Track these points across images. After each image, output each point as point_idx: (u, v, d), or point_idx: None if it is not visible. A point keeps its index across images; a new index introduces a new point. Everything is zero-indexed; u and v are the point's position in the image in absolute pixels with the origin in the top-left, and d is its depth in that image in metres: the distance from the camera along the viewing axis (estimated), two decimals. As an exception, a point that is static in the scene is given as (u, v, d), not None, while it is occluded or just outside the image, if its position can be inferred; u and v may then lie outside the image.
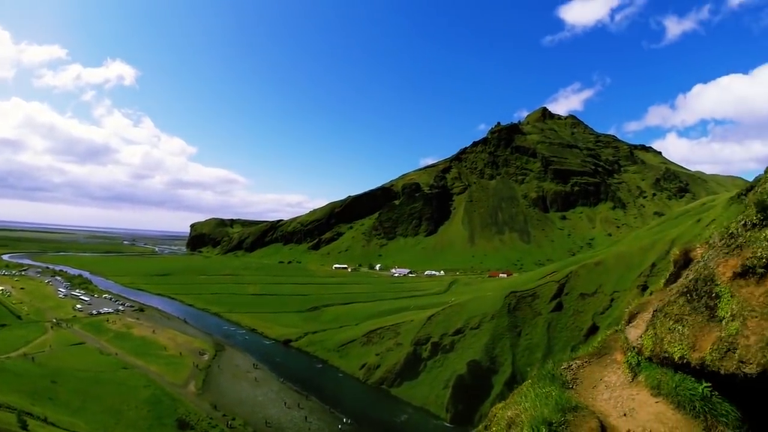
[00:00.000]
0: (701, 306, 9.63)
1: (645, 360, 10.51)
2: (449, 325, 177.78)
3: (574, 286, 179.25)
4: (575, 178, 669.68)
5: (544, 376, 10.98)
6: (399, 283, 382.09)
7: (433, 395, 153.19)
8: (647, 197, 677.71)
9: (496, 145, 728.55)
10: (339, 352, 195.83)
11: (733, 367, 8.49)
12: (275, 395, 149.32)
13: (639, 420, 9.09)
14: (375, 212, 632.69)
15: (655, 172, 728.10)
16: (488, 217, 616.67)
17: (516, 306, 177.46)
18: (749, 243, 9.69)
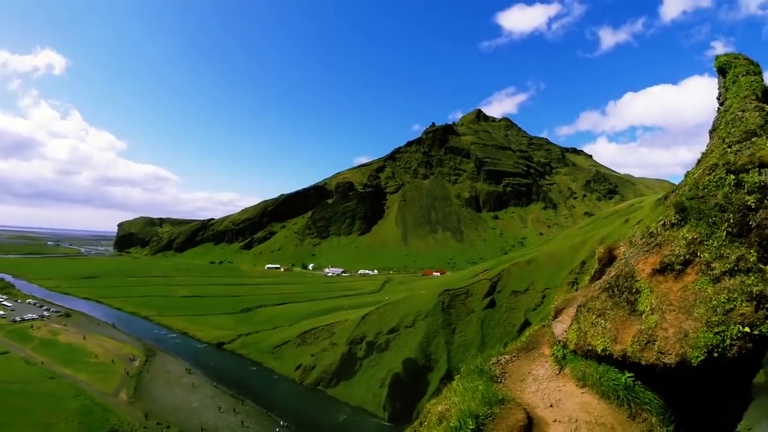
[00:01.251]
0: (622, 301, 10.22)
1: (570, 353, 11.04)
2: (384, 324, 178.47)
3: (507, 284, 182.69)
4: (508, 178, 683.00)
5: (473, 371, 11.30)
6: (333, 283, 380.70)
7: (371, 394, 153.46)
8: (578, 198, 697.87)
9: (430, 145, 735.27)
10: (273, 353, 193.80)
11: (653, 357, 9.05)
12: (210, 400, 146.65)
13: (565, 410, 9.49)
14: (308, 211, 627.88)
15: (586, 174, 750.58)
16: (422, 216, 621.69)
17: (450, 304, 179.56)
18: (668, 241, 10.35)
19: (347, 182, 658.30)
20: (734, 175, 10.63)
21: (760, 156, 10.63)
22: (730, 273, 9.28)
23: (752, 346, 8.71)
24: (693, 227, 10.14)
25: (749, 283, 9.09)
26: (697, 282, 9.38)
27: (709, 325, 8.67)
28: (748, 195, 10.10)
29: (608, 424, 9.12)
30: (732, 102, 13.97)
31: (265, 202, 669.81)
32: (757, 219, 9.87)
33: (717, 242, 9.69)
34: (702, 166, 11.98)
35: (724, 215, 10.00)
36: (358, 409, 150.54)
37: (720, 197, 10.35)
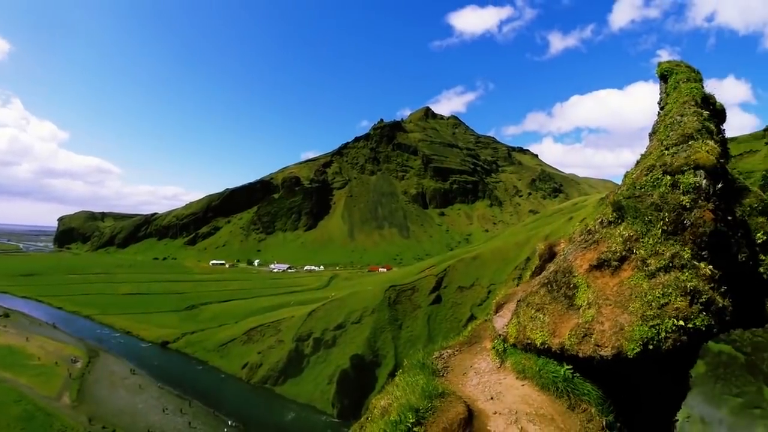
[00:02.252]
0: (560, 296, 10.55)
1: (511, 346, 11.32)
2: (330, 320, 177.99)
3: (453, 280, 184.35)
4: (454, 176, 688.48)
5: (415, 366, 11.44)
6: (278, 279, 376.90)
7: (319, 391, 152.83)
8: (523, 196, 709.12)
9: (378, 142, 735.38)
10: (219, 352, 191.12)
11: (590, 350, 9.38)
12: (156, 402, 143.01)
13: (506, 402, 9.70)
14: (254, 206, 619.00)
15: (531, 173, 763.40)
16: (368, 212, 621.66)
17: (396, 300, 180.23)
18: (605, 239, 10.72)
19: (294, 177, 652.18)
20: (671, 176, 11.09)
21: (695, 158, 11.15)
22: (665, 269, 9.69)
23: (687, 338, 9.10)
24: (629, 225, 10.53)
25: (684, 279, 9.52)
26: (633, 277, 9.76)
27: (645, 319, 9.03)
28: (684, 195, 10.58)
29: (548, 415, 9.34)
30: (672, 107, 14.53)
31: (210, 196, 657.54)
32: (691, 218, 10.33)
33: (652, 240, 10.11)
34: (640, 167, 12.43)
35: (660, 214, 10.42)
36: (306, 407, 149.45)
37: (656, 197, 10.78)
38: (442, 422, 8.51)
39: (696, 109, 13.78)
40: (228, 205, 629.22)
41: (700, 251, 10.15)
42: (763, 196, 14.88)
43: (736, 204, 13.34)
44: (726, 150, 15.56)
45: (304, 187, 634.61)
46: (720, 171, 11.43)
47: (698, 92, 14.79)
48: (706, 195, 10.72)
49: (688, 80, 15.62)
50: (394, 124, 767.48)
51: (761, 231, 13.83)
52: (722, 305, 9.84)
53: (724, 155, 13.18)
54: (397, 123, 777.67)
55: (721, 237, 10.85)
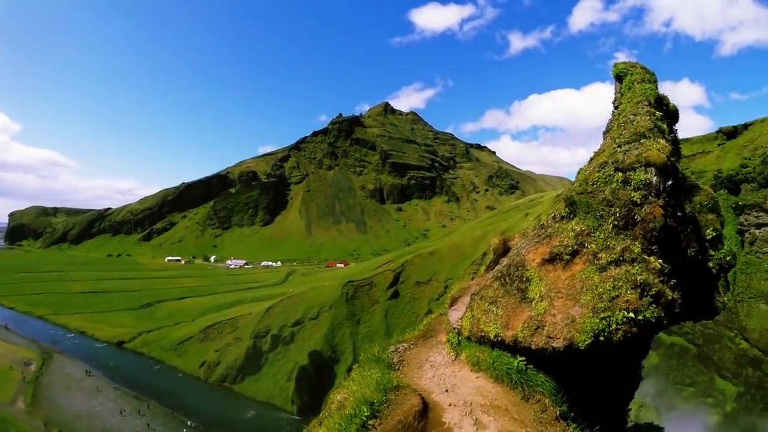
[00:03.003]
0: (513, 289, 10.74)
1: (465, 339, 11.47)
2: (288, 317, 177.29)
3: (410, 275, 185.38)
4: (412, 171, 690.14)
5: (371, 360, 11.50)
6: (235, 275, 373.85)
7: (278, 389, 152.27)
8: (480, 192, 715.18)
9: (336, 136, 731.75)
10: (176, 350, 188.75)
11: (542, 342, 9.57)
12: (113, 404, 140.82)
13: (460, 394, 9.82)
14: (210, 201, 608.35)
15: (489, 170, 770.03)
16: (326, 207, 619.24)
17: (354, 295, 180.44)
18: (557, 233, 10.95)
19: (251, 171, 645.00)
20: (622, 173, 11.33)
21: (646, 156, 11.39)
22: (616, 263, 9.95)
23: (637, 330, 9.36)
24: (581, 220, 10.76)
25: (634, 273, 9.79)
26: (584, 271, 9.99)
27: (596, 311, 9.25)
28: (635, 191, 10.83)
29: (502, 406, 9.47)
30: (626, 106, 14.82)
31: (166, 191, 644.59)
32: (642, 213, 10.59)
33: (603, 234, 10.35)
34: (593, 164, 12.67)
35: (611, 209, 10.66)
36: (266, 405, 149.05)
37: (608, 193, 11.01)
38: (397, 415, 8.55)
39: (649, 109, 14.04)
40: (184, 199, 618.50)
41: (650, 246, 10.41)
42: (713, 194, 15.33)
43: (687, 201, 13.71)
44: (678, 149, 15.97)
45: (261, 181, 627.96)
46: (670, 169, 11.70)
47: (652, 93, 15.08)
48: (656, 191, 10.98)
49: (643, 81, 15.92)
50: (352, 118, 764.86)
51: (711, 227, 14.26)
52: (672, 298, 10.14)
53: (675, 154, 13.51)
54: (355, 118, 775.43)
55: (670, 232, 11.14)
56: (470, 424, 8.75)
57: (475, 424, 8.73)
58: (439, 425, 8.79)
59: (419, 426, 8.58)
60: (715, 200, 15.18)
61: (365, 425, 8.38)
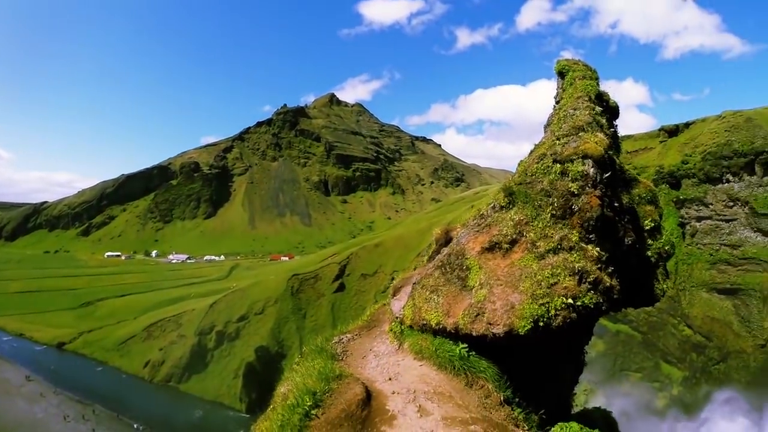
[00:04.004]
0: (454, 277, 10.94)
1: (408, 328, 11.62)
2: (233, 312, 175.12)
3: (356, 267, 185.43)
4: (357, 163, 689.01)
5: (314, 351, 11.57)
6: (178, 270, 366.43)
7: (225, 386, 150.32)
8: (425, 185, 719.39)
9: (280, 127, 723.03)
10: (119, 350, 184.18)
11: (483, 328, 9.77)
12: (56, 409, 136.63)
13: (404, 382, 9.94)
14: (151, 193, 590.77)
15: (434, 162, 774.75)
16: (269, 199, 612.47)
17: (299, 288, 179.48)
18: (497, 222, 11.18)
19: (193, 162, 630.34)
20: (560, 164, 11.64)
21: (584, 148, 11.73)
22: (554, 251, 10.24)
23: (576, 316, 9.66)
24: (520, 209, 11.03)
25: (572, 260, 10.10)
26: (523, 259, 10.25)
27: (535, 298, 9.50)
28: (572, 182, 11.14)
29: (446, 392, 9.62)
30: (567, 101, 15.20)
31: (105, 183, 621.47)
32: (579, 203, 10.91)
33: (542, 223, 10.64)
34: (533, 156, 12.96)
35: (549, 199, 10.96)
36: (214, 404, 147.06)
37: (546, 183, 11.30)
38: (340, 404, 8.62)
39: (589, 104, 14.45)
40: (123, 192, 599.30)
41: (588, 234, 10.74)
42: (652, 187, 15.88)
43: (626, 193, 14.14)
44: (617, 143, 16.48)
45: (204, 173, 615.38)
46: (607, 161, 12.06)
47: (593, 89, 15.54)
48: (593, 182, 11.30)
49: (584, 77, 16.30)
50: (297, 109, 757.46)
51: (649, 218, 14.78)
52: (610, 284, 10.50)
53: (613, 147, 13.94)
54: (300, 109, 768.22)
55: (607, 222, 11.49)
56: (414, 411, 8.87)
57: (419, 411, 8.85)
58: (382, 413, 8.88)
59: (362, 414, 8.65)
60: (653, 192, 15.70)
61: (308, 415, 8.44)
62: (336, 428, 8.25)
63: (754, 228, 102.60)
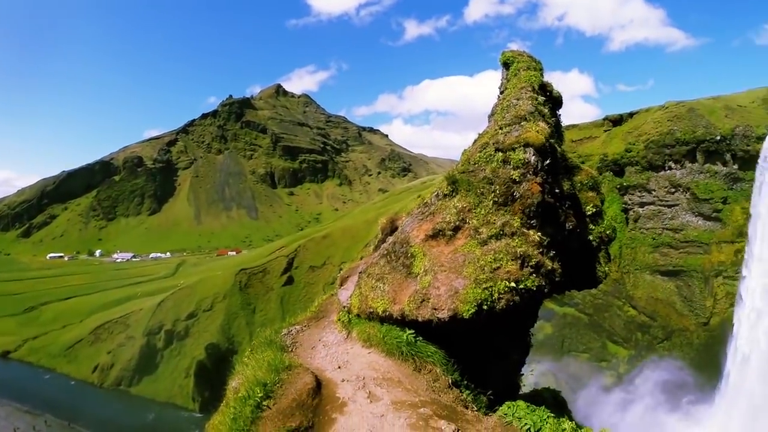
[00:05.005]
0: (399, 265, 11.18)
1: (355, 317, 11.82)
2: (181, 310, 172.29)
3: (304, 260, 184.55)
4: (304, 155, 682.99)
5: (263, 343, 11.64)
6: (123, 269, 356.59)
7: (177, 387, 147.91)
8: (372, 175, 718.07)
9: (226, 119, 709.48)
10: (66, 356, 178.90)
11: (428, 314, 10.01)
12: (4, 422, 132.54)
13: (353, 370, 10.12)
14: (93, 190, 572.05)
15: (381, 153, 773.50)
16: (215, 193, 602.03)
17: (247, 283, 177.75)
18: (440, 210, 11.46)
19: (136, 157, 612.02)
20: (502, 153, 11.97)
21: (526, 137, 12.09)
22: (497, 236, 10.55)
23: (519, 299, 9.97)
24: (463, 197, 11.30)
25: (514, 245, 10.42)
26: (466, 245, 10.53)
27: (478, 282, 9.77)
28: (514, 170, 11.49)
29: (395, 378, 9.83)
30: (510, 91, 15.54)
31: (45, 180, 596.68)
32: (520, 190, 11.26)
33: (484, 210, 10.93)
34: (476, 145, 13.27)
35: (492, 187, 11.26)
36: (167, 405, 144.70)
37: (488, 171, 11.61)
38: (290, 393, 8.72)
39: (532, 94, 14.84)
40: (64, 189, 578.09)
41: (529, 220, 11.08)
42: (594, 174, 16.38)
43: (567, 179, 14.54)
44: (559, 132, 16.93)
45: (147, 167, 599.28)
46: (548, 149, 12.42)
47: (536, 79, 15.95)
48: (534, 170, 11.65)
49: (528, 68, 16.68)
50: (243, 100, 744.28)
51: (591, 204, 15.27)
52: (551, 268, 10.87)
53: (554, 136, 14.32)
54: (246, 100, 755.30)
55: (548, 207, 11.87)
56: (364, 397, 9.03)
57: (369, 397, 9.02)
58: (333, 401, 9.02)
59: (313, 403, 8.77)
60: (595, 179, 16.20)
61: (260, 406, 8.52)
62: (287, 418, 8.33)
63: (695, 213, 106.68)
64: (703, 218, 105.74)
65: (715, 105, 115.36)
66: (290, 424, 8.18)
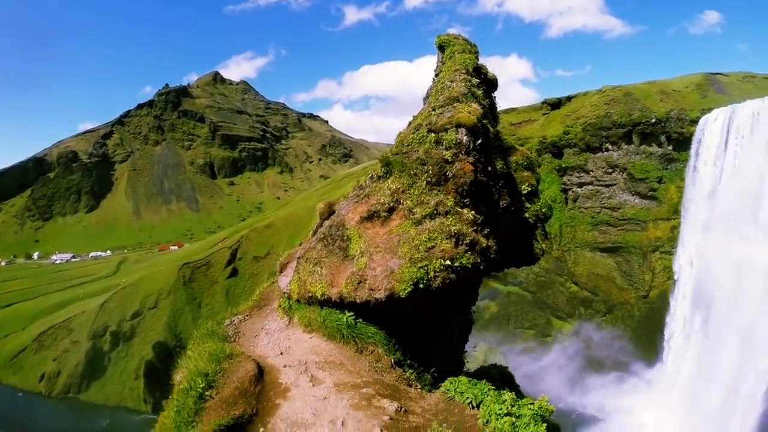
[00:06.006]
0: (336, 248, 11.32)
1: (295, 303, 11.92)
2: (125, 310, 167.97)
3: (247, 251, 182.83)
4: (243, 143, 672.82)
5: (205, 335, 11.66)
6: (63, 271, 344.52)
7: (127, 389, 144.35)
8: (314, 162, 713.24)
9: (162, 109, 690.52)
10: (11, 367, 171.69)
11: (366, 295, 10.16)
12: None
13: (295, 355, 10.25)
14: (27, 189, 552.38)
15: (322, 139, 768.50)
16: (154, 186, 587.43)
17: (191, 277, 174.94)
18: (374, 192, 11.62)
19: (70, 152, 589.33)
20: (435, 134, 12.16)
21: (458, 118, 12.29)
22: (431, 216, 10.74)
23: (455, 276, 10.19)
24: (397, 178, 11.47)
25: (448, 224, 10.63)
26: (401, 225, 10.70)
27: (413, 261, 9.95)
28: (446, 150, 11.68)
29: (337, 361, 9.99)
30: (445, 74, 15.63)
31: None
32: (453, 170, 11.46)
33: (418, 191, 11.12)
34: (410, 127, 13.42)
35: (425, 167, 11.44)
36: (119, 409, 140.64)
37: (421, 152, 11.79)
38: (233, 382, 8.79)
39: (466, 76, 14.97)
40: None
41: (462, 199, 11.30)
42: (528, 154, 16.76)
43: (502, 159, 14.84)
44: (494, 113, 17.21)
45: (83, 162, 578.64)
46: (481, 129, 12.64)
47: (471, 62, 16.08)
48: (466, 150, 11.87)
49: (463, 51, 16.83)
50: (180, 89, 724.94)
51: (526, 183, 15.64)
52: (486, 245, 11.11)
53: (488, 117, 14.56)
54: (183, 88, 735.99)
55: (481, 186, 12.12)
56: (306, 381, 9.17)
57: (311, 381, 9.17)
58: (276, 386, 9.13)
59: (256, 390, 8.86)
60: (530, 159, 16.60)
61: (202, 396, 8.58)
62: (231, 406, 8.41)
63: (632, 192, 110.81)
64: (640, 197, 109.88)
65: (651, 89, 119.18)
66: (234, 413, 8.24)
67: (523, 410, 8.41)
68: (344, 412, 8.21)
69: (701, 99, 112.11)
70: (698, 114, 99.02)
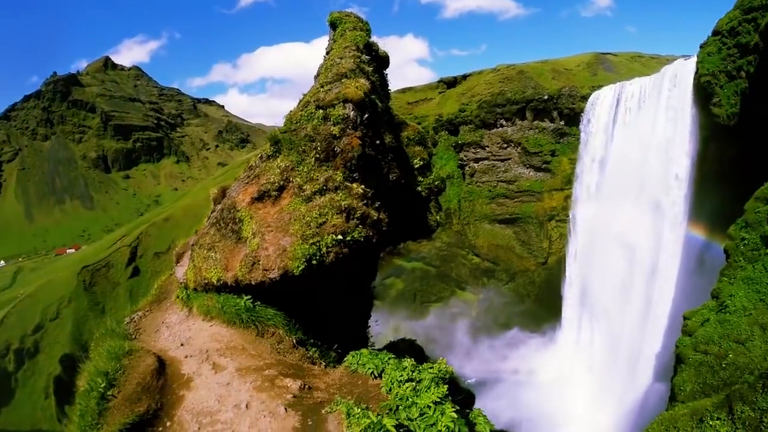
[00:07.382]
0: (228, 231, 11.30)
1: (193, 292, 11.79)
2: (26, 324, 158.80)
3: (148, 247, 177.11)
4: (137, 133, 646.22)
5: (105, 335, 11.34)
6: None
7: (39, 410, 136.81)
8: (210, 149, 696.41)
9: (51, 100, 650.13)
10: None
11: (260, 276, 10.22)
12: None
13: (196, 345, 10.19)
14: None
15: (218, 125, 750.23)
16: (45, 185, 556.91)
17: (92, 281, 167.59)
18: (264, 172, 11.65)
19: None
20: (323, 110, 12.23)
21: (345, 93, 12.39)
22: (320, 192, 10.88)
23: (348, 250, 10.39)
24: (286, 156, 11.52)
25: (338, 199, 10.80)
26: (292, 203, 10.79)
27: (305, 238, 10.06)
28: (334, 126, 11.78)
29: (238, 346, 9.98)
30: (336, 51, 15.71)
31: None
32: (341, 145, 11.60)
33: (307, 168, 11.21)
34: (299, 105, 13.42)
35: (313, 144, 11.52)
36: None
37: (309, 129, 11.84)
38: (134, 378, 8.62)
39: (355, 53, 15.08)
40: None
41: (351, 174, 11.47)
42: (419, 129, 17.11)
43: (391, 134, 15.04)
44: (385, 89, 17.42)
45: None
46: (368, 104, 12.80)
47: (362, 39, 16.18)
48: (353, 124, 12.00)
49: (355, 29, 16.92)
50: (68, 77, 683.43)
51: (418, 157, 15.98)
52: (378, 218, 11.34)
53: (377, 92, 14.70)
54: (72, 76, 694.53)
55: (370, 160, 12.31)
56: (208, 369, 9.15)
57: (213, 368, 9.15)
58: (178, 378, 9.04)
59: (159, 383, 8.74)
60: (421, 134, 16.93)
61: (104, 396, 8.33)
62: (134, 403, 8.25)
63: (526, 165, 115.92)
64: (534, 170, 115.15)
65: (544, 68, 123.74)
66: (138, 409, 8.09)
67: (423, 374, 8.65)
68: (248, 395, 8.26)
69: (591, 77, 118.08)
70: (588, 91, 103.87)
